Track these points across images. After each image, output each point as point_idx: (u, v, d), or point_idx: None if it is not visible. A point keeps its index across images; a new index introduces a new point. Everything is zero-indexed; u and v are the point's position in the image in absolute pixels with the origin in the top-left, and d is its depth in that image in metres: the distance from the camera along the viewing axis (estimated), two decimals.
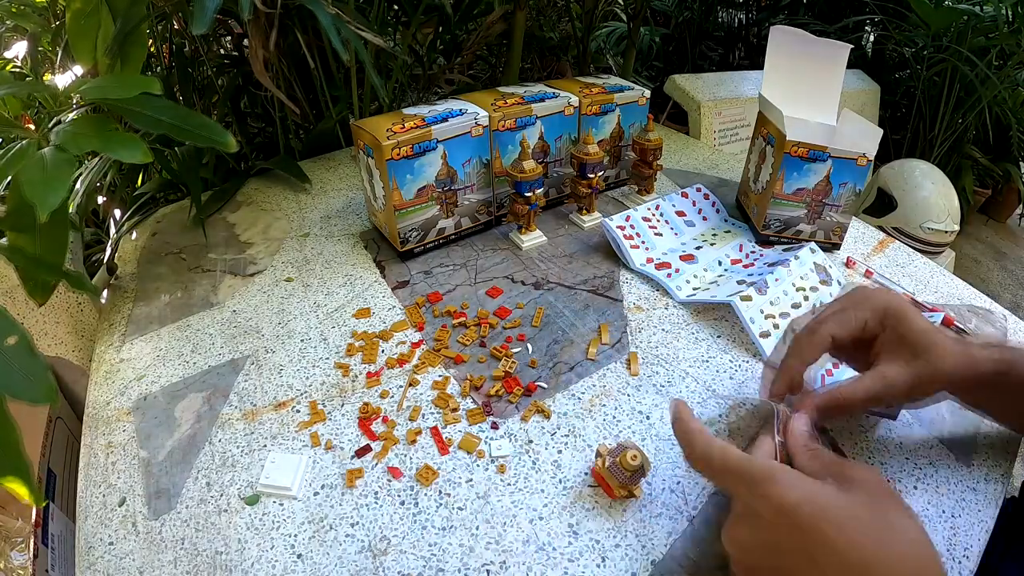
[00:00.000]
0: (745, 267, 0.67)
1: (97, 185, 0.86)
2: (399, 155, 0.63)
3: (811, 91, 0.74)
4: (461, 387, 0.53)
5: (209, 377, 0.56)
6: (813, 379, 0.52)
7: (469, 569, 0.40)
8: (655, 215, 0.74)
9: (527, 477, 0.45)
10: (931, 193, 1.51)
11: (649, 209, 0.74)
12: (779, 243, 0.71)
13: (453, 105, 0.69)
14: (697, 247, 0.72)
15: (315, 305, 0.64)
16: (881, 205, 1.58)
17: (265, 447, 0.49)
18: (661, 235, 0.72)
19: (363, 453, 0.48)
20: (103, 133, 0.53)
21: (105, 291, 0.71)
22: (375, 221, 0.75)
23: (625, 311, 0.62)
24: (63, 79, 0.91)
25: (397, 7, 1.08)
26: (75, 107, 0.61)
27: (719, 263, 0.68)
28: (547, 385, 0.53)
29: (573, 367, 0.55)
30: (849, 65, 0.73)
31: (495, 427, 0.49)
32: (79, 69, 0.77)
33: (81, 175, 0.74)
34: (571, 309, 0.62)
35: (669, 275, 0.66)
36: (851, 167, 0.65)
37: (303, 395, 0.53)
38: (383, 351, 0.58)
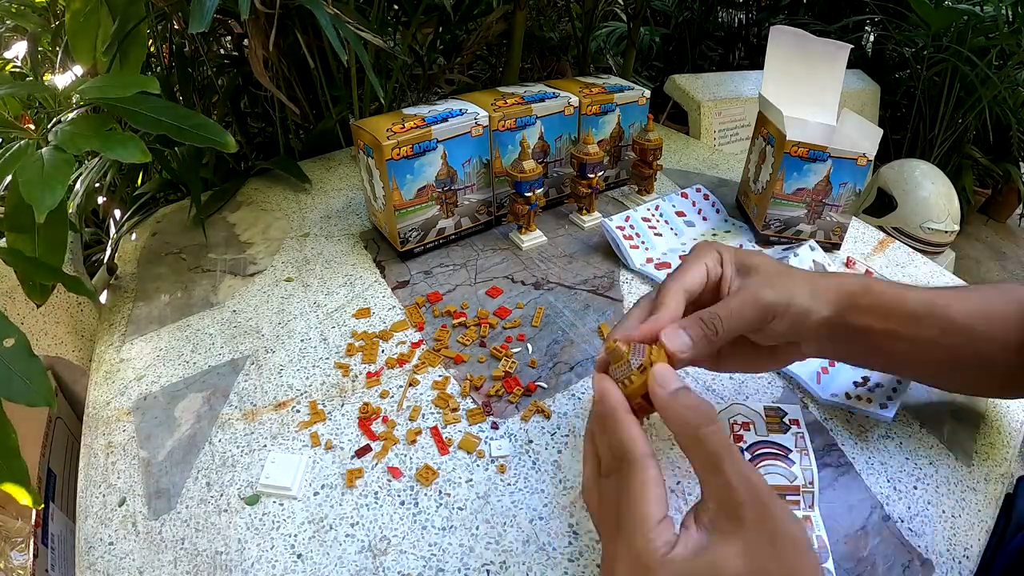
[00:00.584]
0: None
1: (97, 185, 0.86)
2: (399, 155, 0.63)
3: (811, 91, 0.74)
4: (461, 387, 0.53)
5: (209, 377, 0.56)
6: (809, 376, 0.52)
7: (469, 569, 0.40)
8: (655, 215, 0.74)
9: (527, 477, 0.45)
10: (931, 193, 1.51)
11: (649, 209, 0.74)
12: (779, 243, 0.71)
13: (453, 105, 0.69)
14: None
15: (315, 305, 0.64)
16: (881, 205, 1.58)
17: (265, 447, 0.49)
18: (661, 235, 0.72)
19: (363, 453, 0.48)
20: (102, 133, 0.53)
21: (105, 291, 0.71)
22: (375, 221, 0.75)
23: (625, 311, 0.62)
24: (63, 79, 0.91)
25: (397, 7, 1.08)
26: (74, 107, 0.61)
27: None
28: (547, 385, 0.53)
29: (573, 367, 0.55)
30: (849, 65, 0.73)
31: (495, 427, 0.49)
32: (79, 69, 0.77)
33: (81, 175, 0.74)
34: (571, 309, 0.62)
35: (668, 275, 0.66)
36: (851, 167, 0.65)
37: (303, 395, 0.53)
38: (383, 351, 0.58)
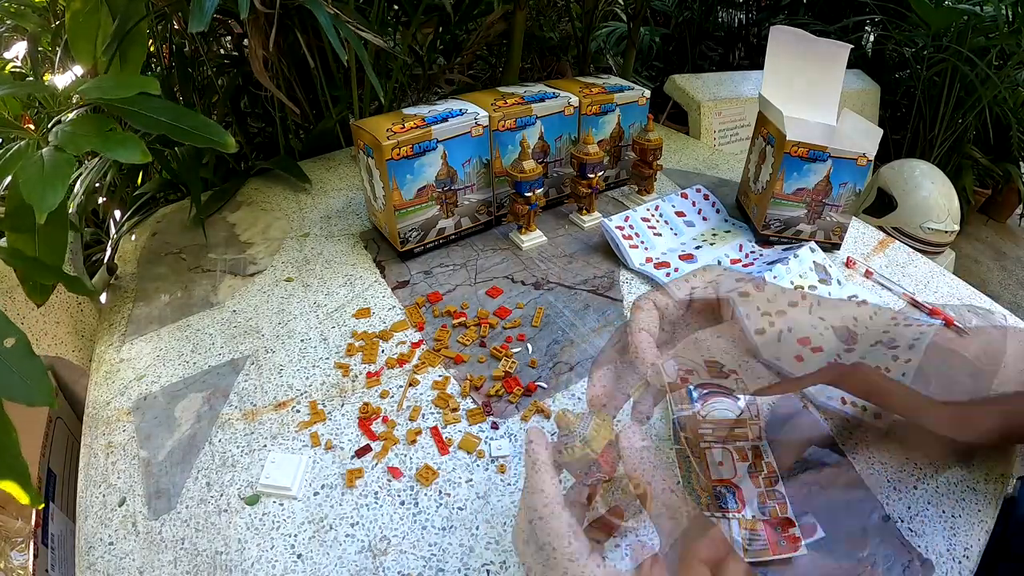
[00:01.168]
0: (744, 267, 0.67)
1: (97, 185, 0.86)
2: (399, 155, 0.63)
3: (811, 91, 0.74)
4: (461, 387, 0.53)
5: (209, 377, 0.56)
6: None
7: (469, 569, 0.40)
8: (654, 215, 0.74)
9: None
10: (931, 193, 1.51)
11: (648, 210, 0.74)
12: (779, 243, 0.71)
13: (453, 105, 0.69)
14: (696, 247, 0.72)
15: (315, 305, 0.64)
16: (881, 205, 1.57)
17: (265, 447, 0.48)
18: (660, 235, 0.72)
19: (363, 453, 0.48)
20: (102, 133, 0.53)
21: (105, 291, 0.71)
22: (375, 221, 0.75)
23: (625, 311, 0.62)
24: (63, 79, 0.91)
25: (397, 7, 1.08)
26: (74, 107, 0.61)
27: (718, 263, 0.68)
28: (547, 385, 0.53)
29: (573, 367, 0.55)
30: (849, 65, 0.73)
31: (495, 427, 0.49)
32: (79, 69, 0.77)
33: (81, 175, 0.74)
34: (571, 309, 0.62)
35: (668, 275, 0.66)
36: (851, 167, 0.65)
37: (303, 395, 0.53)
38: (383, 351, 0.58)
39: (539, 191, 0.68)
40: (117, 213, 0.93)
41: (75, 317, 0.73)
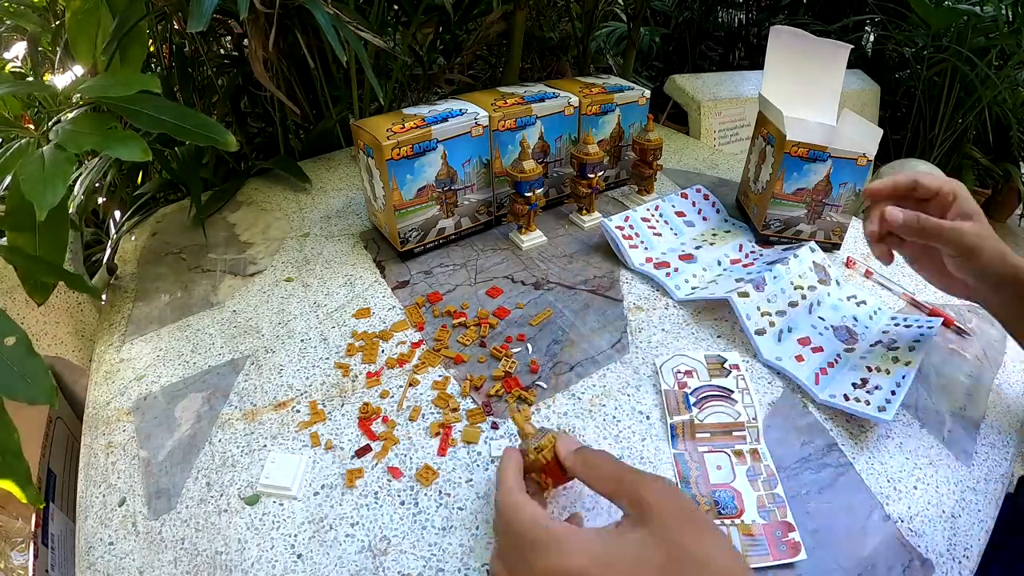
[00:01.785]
0: (744, 267, 0.67)
1: (97, 185, 0.86)
2: (399, 155, 0.63)
3: (811, 91, 0.74)
4: (461, 387, 0.53)
5: (209, 377, 0.56)
6: (808, 377, 0.52)
7: (469, 569, 0.40)
8: (654, 215, 0.74)
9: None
10: None
11: (648, 210, 0.74)
12: (779, 243, 0.71)
13: (453, 105, 0.69)
14: (696, 247, 0.72)
15: (315, 305, 0.64)
16: None
17: (265, 447, 0.48)
18: (660, 235, 0.72)
19: (363, 453, 0.48)
20: (102, 131, 0.53)
21: (105, 291, 0.71)
22: (375, 221, 0.75)
23: (625, 311, 0.62)
24: (63, 79, 0.91)
25: (397, 7, 1.08)
26: (75, 106, 0.61)
27: (718, 263, 0.68)
28: (547, 385, 0.53)
29: (573, 367, 0.55)
30: (849, 65, 0.73)
31: (495, 427, 0.49)
32: (79, 69, 0.78)
33: (81, 175, 0.74)
34: (571, 309, 0.62)
35: (668, 274, 0.66)
36: (851, 167, 0.65)
37: (303, 395, 0.53)
38: (383, 351, 0.58)
39: (539, 191, 0.68)
40: (117, 213, 0.93)
41: (75, 317, 0.73)
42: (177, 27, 0.94)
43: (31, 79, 0.93)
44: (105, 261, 0.74)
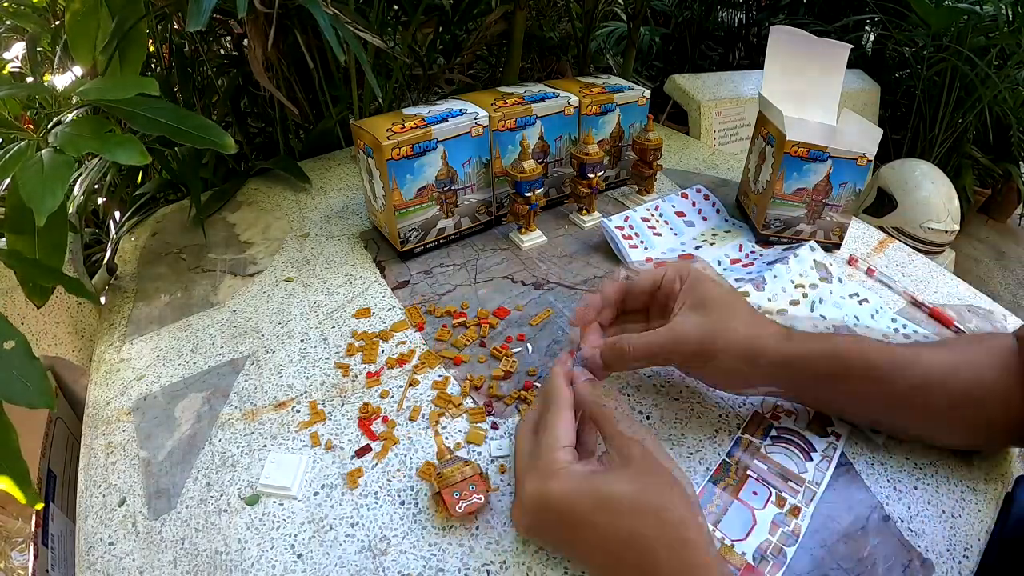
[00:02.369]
0: (744, 267, 0.67)
1: (96, 186, 0.86)
2: (399, 155, 0.63)
3: (811, 91, 0.74)
4: (461, 387, 0.53)
5: (209, 377, 0.56)
6: None
7: (469, 569, 0.40)
8: (654, 215, 0.74)
9: None
10: (931, 193, 1.51)
11: (648, 210, 0.74)
12: (779, 243, 0.71)
13: (453, 105, 0.69)
14: (696, 247, 0.72)
15: (315, 305, 0.64)
16: (881, 205, 1.57)
17: (265, 447, 0.49)
18: (660, 235, 0.72)
19: (363, 453, 0.48)
20: (101, 135, 0.53)
21: (105, 291, 0.71)
22: (375, 221, 0.75)
23: None
24: (62, 79, 0.91)
25: (397, 7, 1.08)
26: (74, 108, 0.60)
27: (718, 263, 0.68)
28: None
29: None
30: (849, 65, 0.73)
31: (495, 427, 0.49)
32: (79, 69, 0.77)
33: (80, 176, 0.74)
34: (571, 309, 0.62)
35: None
36: (851, 167, 0.65)
37: (303, 395, 0.53)
38: (383, 351, 0.58)
39: (539, 191, 0.68)
40: (117, 213, 0.93)
41: (75, 317, 0.73)
42: (177, 27, 0.94)
43: (31, 80, 0.93)
44: (105, 261, 0.74)
